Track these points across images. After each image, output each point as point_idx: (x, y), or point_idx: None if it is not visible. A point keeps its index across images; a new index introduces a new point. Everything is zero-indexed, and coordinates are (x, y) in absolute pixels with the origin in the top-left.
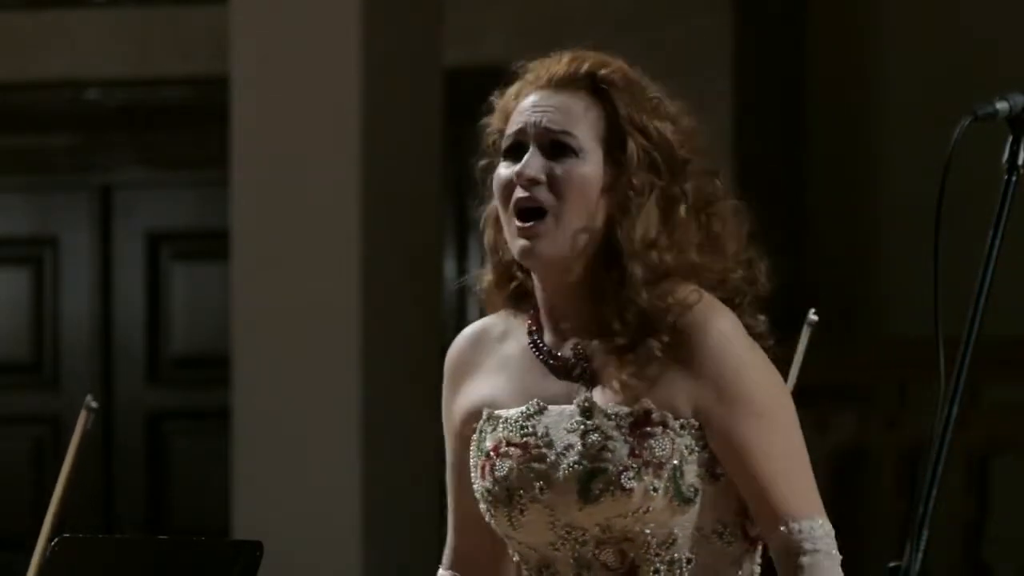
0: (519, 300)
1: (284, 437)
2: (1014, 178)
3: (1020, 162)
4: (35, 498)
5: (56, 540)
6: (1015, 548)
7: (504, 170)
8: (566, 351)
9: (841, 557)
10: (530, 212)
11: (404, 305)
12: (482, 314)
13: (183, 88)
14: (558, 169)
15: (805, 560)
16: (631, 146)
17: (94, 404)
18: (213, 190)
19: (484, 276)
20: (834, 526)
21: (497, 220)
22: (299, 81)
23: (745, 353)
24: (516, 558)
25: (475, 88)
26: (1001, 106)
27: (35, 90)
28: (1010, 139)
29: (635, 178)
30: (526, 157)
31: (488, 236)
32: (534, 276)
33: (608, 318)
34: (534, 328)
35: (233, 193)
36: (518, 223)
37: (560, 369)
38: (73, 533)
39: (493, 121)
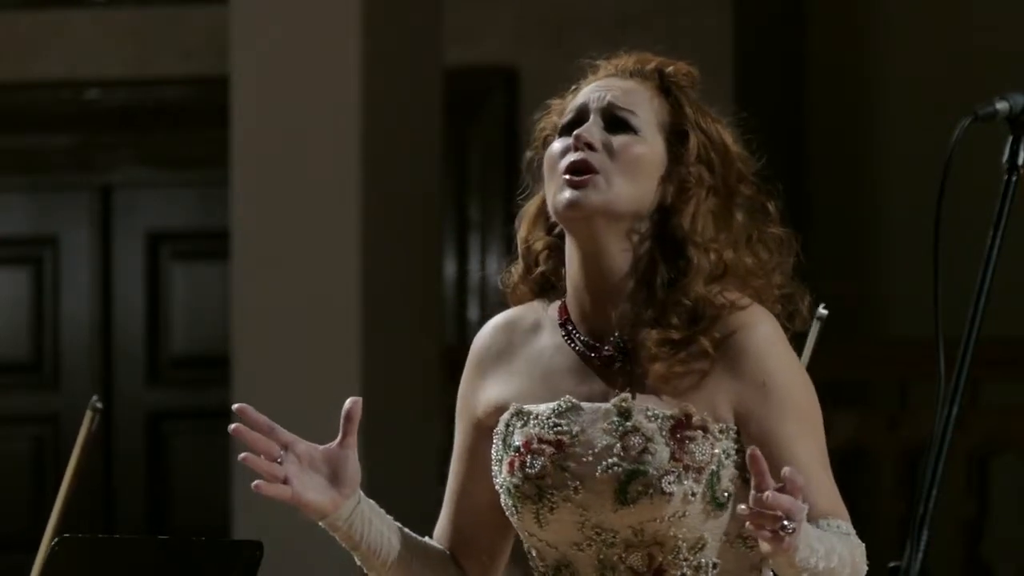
0: (544, 290)
1: None
2: (1014, 178)
3: (1020, 162)
4: (35, 498)
5: (56, 540)
6: (1015, 548)
7: (558, 143)
8: (604, 344)
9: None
10: (581, 171)
11: (404, 305)
12: (483, 313)
13: (183, 88)
14: (615, 141)
15: (843, 534)
16: (692, 140)
17: (99, 404)
18: (213, 190)
19: (512, 268)
20: None
21: (533, 215)
22: (299, 81)
23: (788, 356)
24: (532, 554)
25: (475, 88)
26: (1001, 106)
27: (35, 90)
28: (1010, 139)
29: (693, 168)
30: (585, 124)
31: (521, 231)
32: (573, 259)
33: (664, 310)
34: (565, 318)
35: (233, 193)
36: (567, 176)
37: (596, 363)
38: (73, 533)
39: (548, 117)
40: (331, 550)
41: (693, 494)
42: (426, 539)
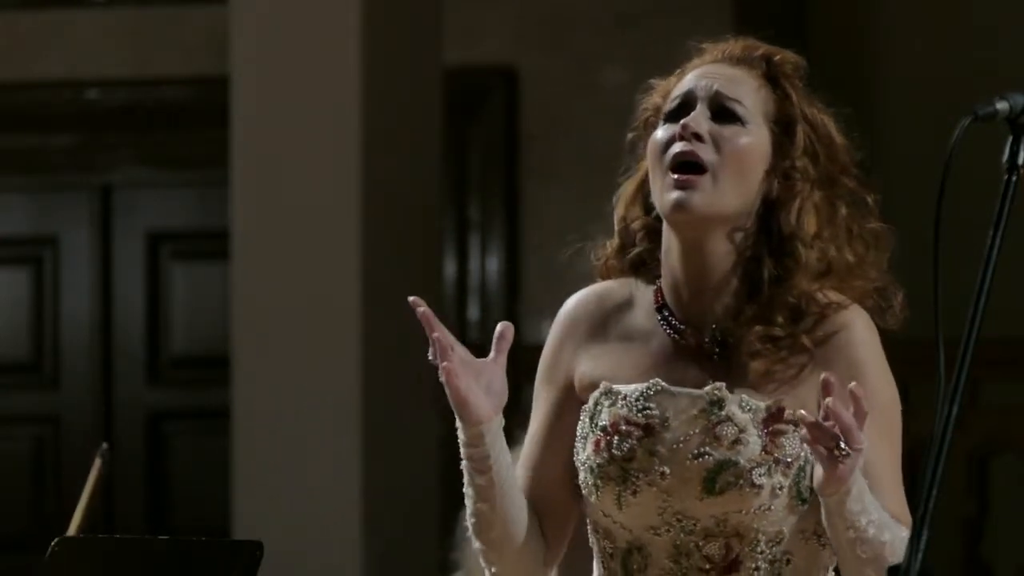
0: (636, 268)
1: (284, 437)
2: (1014, 178)
3: (1020, 162)
4: (35, 498)
5: (56, 540)
6: (1015, 548)
7: (663, 132)
8: (702, 334)
9: None
10: (688, 166)
11: (404, 305)
12: (483, 312)
13: (183, 88)
14: (724, 132)
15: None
16: (799, 131)
17: (108, 452)
18: (213, 190)
19: (606, 243)
20: None
21: (631, 195)
22: (299, 81)
23: (881, 361)
24: (599, 533)
25: (475, 88)
26: (1001, 106)
27: (35, 90)
28: (1010, 139)
29: (799, 162)
30: (692, 113)
31: (619, 210)
32: (672, 249)
33: (769, 307)
34: (661, 303)
35: (233, 193)
36: (674, 175)
37: (691, 350)
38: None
39: (651, 98)
40: (331, 550)
41: (780, 488)
42: None
